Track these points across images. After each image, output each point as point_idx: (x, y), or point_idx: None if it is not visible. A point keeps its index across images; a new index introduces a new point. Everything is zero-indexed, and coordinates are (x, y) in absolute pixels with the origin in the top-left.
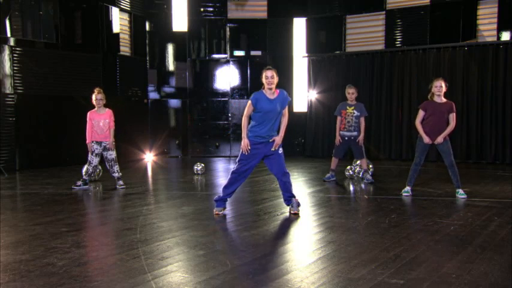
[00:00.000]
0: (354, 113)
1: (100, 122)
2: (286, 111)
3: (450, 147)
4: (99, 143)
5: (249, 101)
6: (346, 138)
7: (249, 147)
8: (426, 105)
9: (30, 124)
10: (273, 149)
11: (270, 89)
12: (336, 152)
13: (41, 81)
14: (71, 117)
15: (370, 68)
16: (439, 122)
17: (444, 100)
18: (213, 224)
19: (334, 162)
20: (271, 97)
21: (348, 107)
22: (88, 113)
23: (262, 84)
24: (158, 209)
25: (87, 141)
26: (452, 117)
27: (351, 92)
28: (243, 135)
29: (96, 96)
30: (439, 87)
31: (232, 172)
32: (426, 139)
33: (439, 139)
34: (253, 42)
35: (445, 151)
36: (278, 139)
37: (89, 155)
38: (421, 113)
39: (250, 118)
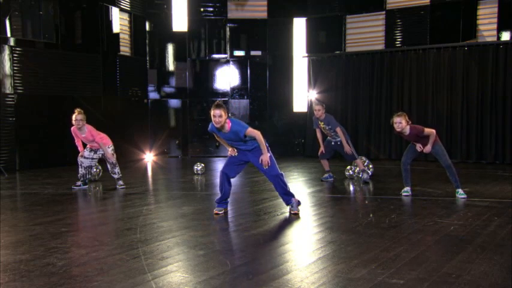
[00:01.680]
0: (325, 127)
1: (83, 139)
2: (251, 133)
3: (443, 149)
4: (94, 150)
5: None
6: (332, 143)
7: (235, 151)
8: (398, 133)
9: (30, 124)
10: (264, 167)
11: (218, 128)
12: (322, 155)
13: (41, 81)
14: (71, 117)
15: (370, 68)
16: (419, 142)
17: (408, 131)
18: (213, 224)
19: (324, 163)
20: (223, 132)
21: (320, 122)
22: (72, 129)
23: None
24: (158, 209)
25: (80, 150)
26: (426, 133)
27: (317, 109)
28: (225, 145)
29: (76, 117)
30: (398, 123)
31: (220, 171)
32: (417, 146)
33: (427, 148)
34: (253, 42)
35: (438, 154)
36: (264, 157)
37: (78, 158)
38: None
39: None
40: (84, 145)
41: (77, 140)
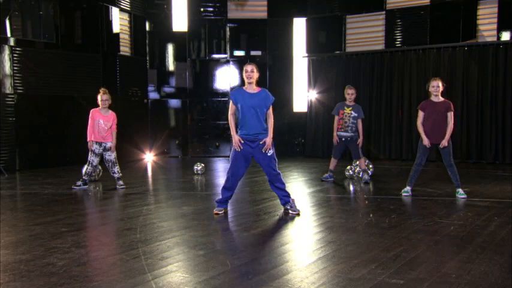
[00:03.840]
0: (351, 113)
1: (102, 123)
2: (270, 111)
3: (451, 148)
4: (99, 143)
5: (230, 99)
6: (343, 139)
7: (242, 142)
8: (424, 104)
9: (30, 124)
10: (263, 151)
11: (250, 83)
12: (334, 153)
13: (41, 81)
14: (71, 117)
15: (370, 68)
16: (437, 121)
17: (442, 99)
18: (213, 224)
19: (333, 162)
20: (251, 91)
21: (345, 108)
22: (91, 111)
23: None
24: (158, 209)
25: (88, 139)
26: (450, 115)
27: (350, 93)
28: (232, 133)
29: (102, 97)
30: (436, 86)
31: (227, 172)
32: (425, 141)
33: (444, 142)
34: (253, 42)
35: (445, 151)
36: (268, 140)
37: (89, 154)
38: (420, 114)
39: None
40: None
41: (90, 125)
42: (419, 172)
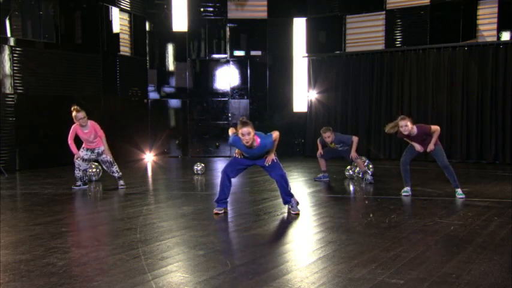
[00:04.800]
0: (337, 147)
1: (86, 135)
2: (276, 137)
3: (442, 149)
4: (91, 149)
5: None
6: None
7: (242, 155)
8: (403, 136)
9: (30, 124)
10: (266, 164)
11: (248, 147)
12: (320, 155)
13: (41, 81)
14: (70, 117)
15: (370, 68)
16: (423, 142)
17: (415, 131)
18: (213, 224)
19: (322, 163)
20: (251, 147)
21: (329, 144)
22: (73, 126)
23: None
24: (158, 209)
25: (74, 152)
26: (433, 129)
27: (326, 137)
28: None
29: (76, 115)
30: (405, 126)
31: (222, 171)
32: (418, 147)
33: (431, 146)
34: (253, 42)
35: (437, 154)
36: (269, 158)
37: (75, 160)
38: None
39: None
40: (77, 146)
41: (71, 138)
42: (409, 171)
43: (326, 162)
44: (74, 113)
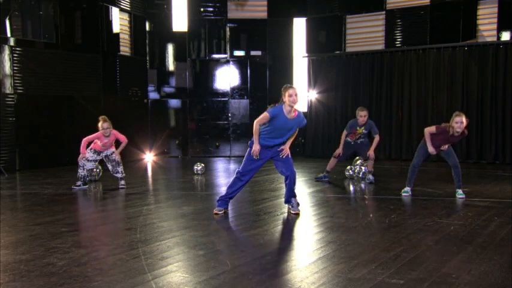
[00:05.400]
0: (363, 132)
1: (105, 143)
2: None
3: (452, 149)
4: (98, 152)
5: (266, 113)
6: (352, 142)
7: (259, 154)
8: (442, 132)
9: (30, 124)
10: (280, 156)
11: (291, 107)
12: (337, 156)
13: (41, 81)
14: (70, 118)
15: (370, 68)
16: (446, 143)
17: (458, 133)
18: (213, 224)
19: (332, 163)
20: (289, 116)
21: (358, 128)
22: (97, 134)
23: (280, 99)
24: (158, 209)
25: (82, 151)
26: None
27: (362, 115)
28: (255, 141)
29: (102, 125)
30: (460, 123)
31: (237, 172)
32: (431, 148)
33: (445, 146)
34: (253, 42)
35: (448, 153)
36: (286, 148)
37: (80, 160)
38: (433, 129)
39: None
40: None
41: (88, 140)
42: (417, 173)
43: (336, 163)
44: (100, 122)
